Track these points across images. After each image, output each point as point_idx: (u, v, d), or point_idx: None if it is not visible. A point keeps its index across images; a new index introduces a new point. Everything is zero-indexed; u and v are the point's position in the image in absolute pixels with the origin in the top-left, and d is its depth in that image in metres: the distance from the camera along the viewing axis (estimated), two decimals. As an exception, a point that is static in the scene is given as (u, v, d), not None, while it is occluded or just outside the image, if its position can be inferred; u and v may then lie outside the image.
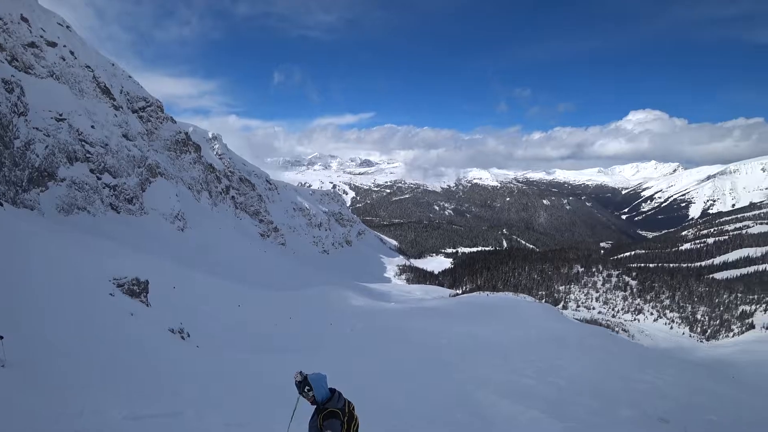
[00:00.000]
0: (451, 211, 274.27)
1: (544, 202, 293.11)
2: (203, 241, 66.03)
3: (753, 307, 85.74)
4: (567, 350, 35.05)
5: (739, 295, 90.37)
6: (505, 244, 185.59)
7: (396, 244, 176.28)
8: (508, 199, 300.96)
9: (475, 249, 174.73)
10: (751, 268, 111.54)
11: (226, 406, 10.34)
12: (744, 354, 62.95)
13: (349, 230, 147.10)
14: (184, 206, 69.36)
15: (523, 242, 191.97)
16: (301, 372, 4.32)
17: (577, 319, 76.64)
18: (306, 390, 4.18)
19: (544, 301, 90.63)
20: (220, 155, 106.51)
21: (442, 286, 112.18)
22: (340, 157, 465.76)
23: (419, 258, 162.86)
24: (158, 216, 62.95)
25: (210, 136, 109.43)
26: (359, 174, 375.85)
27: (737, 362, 59.45)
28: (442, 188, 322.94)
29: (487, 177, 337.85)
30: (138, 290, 19.99)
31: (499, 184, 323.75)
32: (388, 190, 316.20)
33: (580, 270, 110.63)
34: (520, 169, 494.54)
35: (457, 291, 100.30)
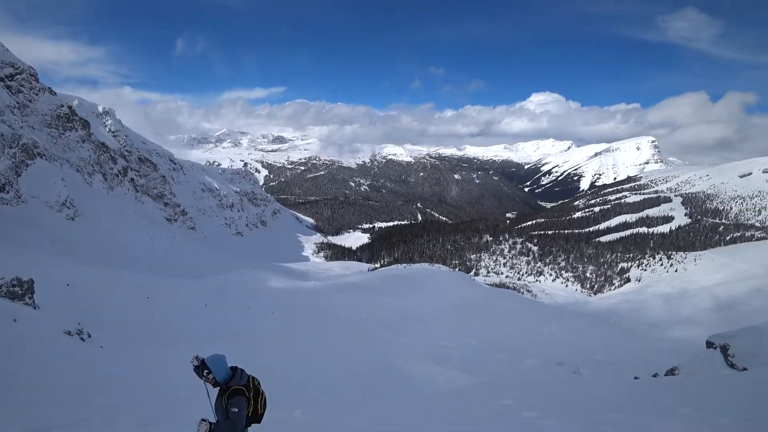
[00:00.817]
0: (366, 187, 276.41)
1: (456, 176, 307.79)
2: (99, 230, 59.56)
3: (629, 264, 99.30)
4: (480, 313, 37.92)
5: (619, 254, 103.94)
6: (419, 217, 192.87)
7: (313, 222, 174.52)
8: (421, 174, 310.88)
9: (391, 223, 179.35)
10: (628, 231, 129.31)
11: (139, 406, 9.65)
12: (624, 303, 73.30)
13: (263, 210, 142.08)
14: (73, 192, 61.55)
15: (437, 215, 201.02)
16: (197, 356, 4.17)
17: (487, 284, 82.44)
18: (205, 373, 4.04)
19: (457, 269, 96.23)
20: (113, 132, 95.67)
21: (361, 261, 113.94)
22: (251, 133, 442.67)
23: (337, 235, 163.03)
24: (41, 205, 55.21)
25: (100, 110, 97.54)
26: (272, 151, 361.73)
27: (619, 310, 69.20)
28: (357, 164, 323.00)
29: (401, 153, 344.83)
30: (21, 292, 17.55)
31: (413, 160, 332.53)
32: (303, 167, 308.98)
33: (489, 239, 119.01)
34: (433, 145, 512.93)
35: (376, 265, 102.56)
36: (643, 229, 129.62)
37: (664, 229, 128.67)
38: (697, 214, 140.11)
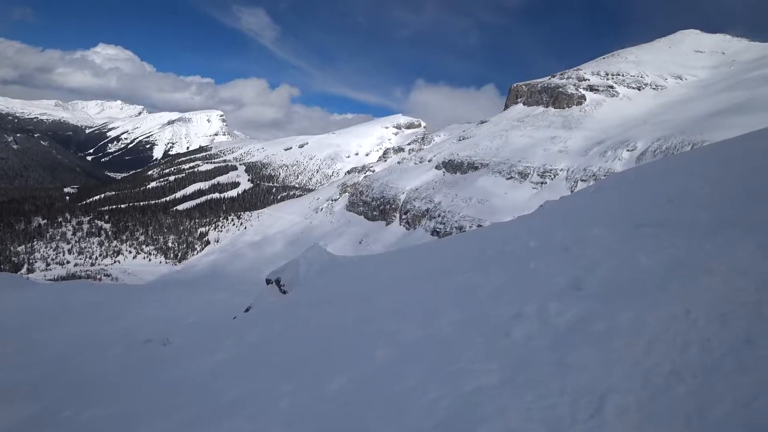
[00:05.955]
0: None
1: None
2: None
3: (207, 227, 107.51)
4: (45, 321, 31.16)
5: (197, 220, 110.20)
6: None
7: None
8: None
9: None
10: (203, 198, 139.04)
11: None
12: (218, 260, 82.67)
13: None
14: None
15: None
16: None
17: (49, 279, 68.19)
18: None
19: (-1, 269, 73.43)
20: None
21: None
22: None
23: None
24: None
25: None
26: None
27: (217, 266, 77.48)
28: None
29: None
30: None
31: None
32: None
33: (43, 222, 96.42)
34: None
35: None
36: (216, 195, 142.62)
37: (233, 193, 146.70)
38: (257, 179, 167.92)
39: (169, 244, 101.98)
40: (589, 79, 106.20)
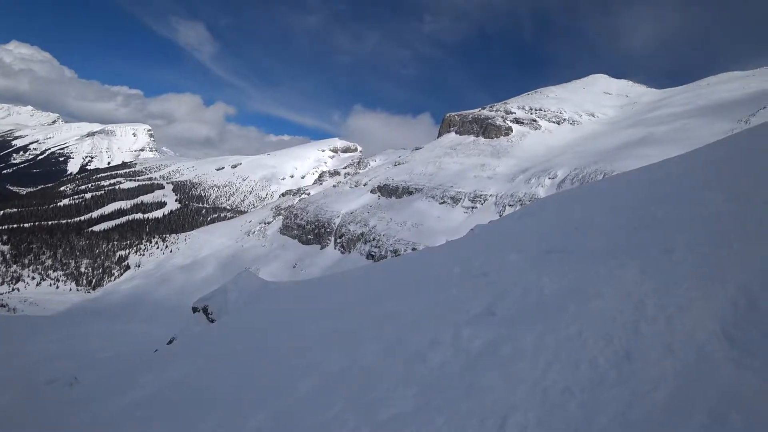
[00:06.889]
0: None
1: None
2: None
3: (127, 251, 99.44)
4: None
5: (116, 242, 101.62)
6: None
7: None
8: None
9: None
10: (124, 218, 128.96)
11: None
12: (142, 286, 75.52)
13: None
14: None
15: None
16: None
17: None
18: None
19: None
20: None
21: None
22: None
23: None
24: None
25: None
26: None
27: (139, 293, 70.57)
28: None
29: None
30: None
31: None
32: None
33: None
34: None
35: None
36: (139, 215, 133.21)
37: (158, 214, 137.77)
38: (185, 200, 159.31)
39: (82, 269, 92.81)
40: (515, 113, 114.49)
